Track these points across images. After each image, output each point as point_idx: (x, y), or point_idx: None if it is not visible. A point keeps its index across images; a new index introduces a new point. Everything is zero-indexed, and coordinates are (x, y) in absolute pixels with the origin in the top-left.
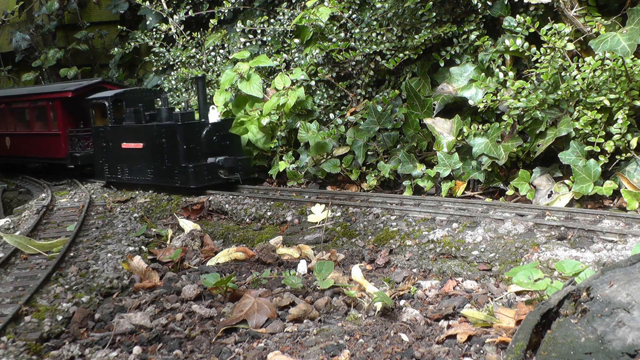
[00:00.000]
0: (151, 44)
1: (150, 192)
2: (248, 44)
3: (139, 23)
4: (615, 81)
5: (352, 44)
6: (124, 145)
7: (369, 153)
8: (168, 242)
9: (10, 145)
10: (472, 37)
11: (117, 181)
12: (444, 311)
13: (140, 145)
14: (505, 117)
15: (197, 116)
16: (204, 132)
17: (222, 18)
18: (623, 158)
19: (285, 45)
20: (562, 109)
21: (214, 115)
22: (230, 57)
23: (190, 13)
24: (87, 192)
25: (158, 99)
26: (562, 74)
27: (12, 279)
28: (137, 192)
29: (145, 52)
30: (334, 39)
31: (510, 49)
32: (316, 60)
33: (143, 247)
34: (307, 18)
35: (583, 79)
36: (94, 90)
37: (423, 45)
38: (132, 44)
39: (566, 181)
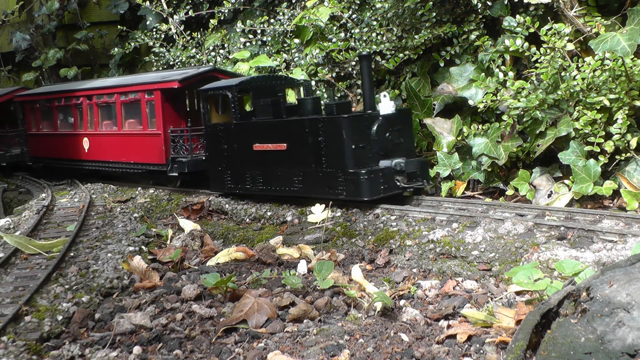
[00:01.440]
0: (151, 44)
1: (150, 191)
2: (248, 44)
3: (139, 23)
4: (615, 81)
5: (352, 44)
6: (257, 146)
7: None
8: (168, 242)
9: (89, 148)
10: (472, 37)
11: (245, 192)
12: (444, 311)
13: (282, 146)
14: (505, 117)
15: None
16: (375, 128)
17: (222, 18)
18: (623, 158)
19: (285, 45)
20: (562, 109)
21: (387, 105)
22: (230, 57)
23: (190, 13)
24: (87, 192)
25: (290, 88)
26: (562, 74)
27: (12, 279)
28: (137, 192)
29: (145, 52)
30: (334, 39)
31: (510, 49)
32: (316, 60)
33: (143, 247)
34: (307, 18)
35: (583, 79)
36: (205, 80)
37: (423, 45)
38: (132, 44)
39: (566, 181)
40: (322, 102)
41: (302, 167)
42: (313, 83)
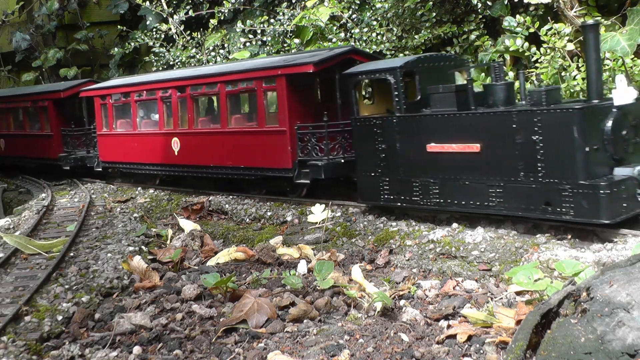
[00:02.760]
0: (151, 44)
1: (150, 191)
2: (248, 44)
3: (139, 23)
4: None
5: (352, 44)
6: (433, 147)
7: None
8: (168, 242)
9: (180, 150)
10: (472, 37)
11: (412, 206)
12: (444, 311)
13: (473, 147)
14: None
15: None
16: (609, 124)
17: (222, 18)
18: None
19: (285, 45)
20: None
21: (625, 93)
22: (230, 57)
23: (190, 13)
24: (87, 192)
25: (460, 71)
26: (562, 74)
27: (12, 278)
28: (137, 192)
29: (145, 52)
30: (334, 39)
31: (510, 49)
32: None
33: (143, 247)
34: (307, 18)
35: (583, 79)
36: (343, 64)
37: (423, 45)
38: (132, 44)
39: None
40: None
41: (504, 175)
42: None
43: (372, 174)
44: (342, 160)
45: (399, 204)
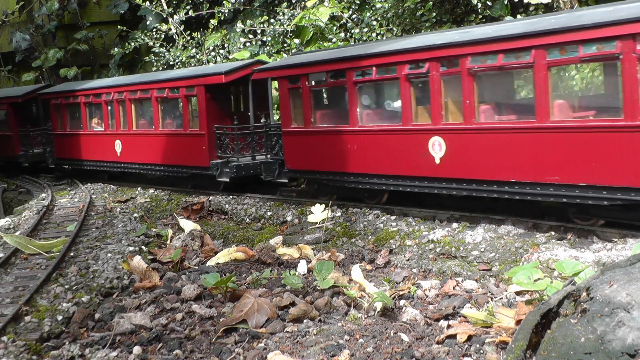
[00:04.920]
0: (151, 44)
1: (150, 191)
2: (248, 44)
3: (139, 23)
4: None
5: (352, 43)
6: None
7: None
8: (168, 242)
9: (443, 156)
10: None
11: None
12: (444, 311)
13: None
14: None
15: None
16: None
17: (222, 18)
18: None
19: (285, 45)
20: None
21: None
22: (230, 57)
23: (190, 13)
24: (87, 192)
25: None
26: (561, 73)
27: (12, 278)
28: (137, 192)
29: (145, 52)
30: (334, 39)
31: None
32: None
33: (143, 247)
34: (307, 18)
35: (582, 79)
36: None
37: None
38: (132, 44)
39: None
40: None
41: None
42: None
43: None
44: None
45: None
